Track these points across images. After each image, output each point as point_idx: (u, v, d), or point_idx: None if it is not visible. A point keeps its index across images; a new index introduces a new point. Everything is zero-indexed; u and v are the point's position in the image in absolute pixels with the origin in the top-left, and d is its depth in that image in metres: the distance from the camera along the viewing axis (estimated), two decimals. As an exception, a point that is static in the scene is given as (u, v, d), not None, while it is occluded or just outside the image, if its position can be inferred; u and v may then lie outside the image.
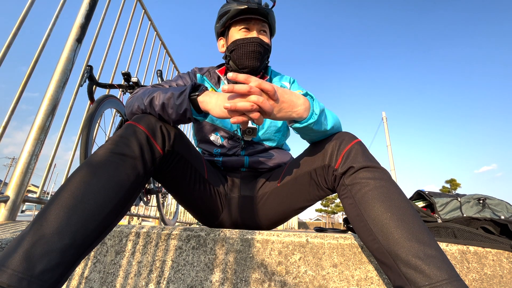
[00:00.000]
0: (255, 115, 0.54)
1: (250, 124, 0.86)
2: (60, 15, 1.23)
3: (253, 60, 0.87)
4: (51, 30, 1.18)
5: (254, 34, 0.87)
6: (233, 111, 0.55)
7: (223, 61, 0.98)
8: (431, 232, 0.50)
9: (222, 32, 0.93)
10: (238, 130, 0.90)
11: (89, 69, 1.22)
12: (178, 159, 0.70)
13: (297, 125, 0.62)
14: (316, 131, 0.64)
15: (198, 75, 0.94)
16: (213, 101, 0.60)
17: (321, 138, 0.69)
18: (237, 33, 0.88)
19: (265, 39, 0.89)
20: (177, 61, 2.63)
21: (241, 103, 0.53)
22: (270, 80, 0.98)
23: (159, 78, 1.39)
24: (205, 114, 0.66)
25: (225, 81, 0.92)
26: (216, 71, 0.95)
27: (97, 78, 1.37)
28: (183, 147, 0.70)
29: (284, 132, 0.97)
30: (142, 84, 1.37)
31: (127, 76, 1.31)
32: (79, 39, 1.26)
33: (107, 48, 1.54)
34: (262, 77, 0.97)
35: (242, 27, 0.87)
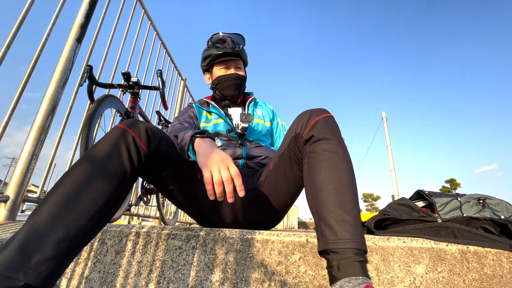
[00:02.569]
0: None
1: (238, 122, 1.05)
2: (60, 15, 1.23)
3: (234, 91, 1.13)
4: (51, 30, 1.18)
5: (232, 70, 1.12)
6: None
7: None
8: (358, 205, 0.58)
9: (207, 69, 1.18)
10: (233, 132, 1.07)
11: (89, 69, 1.22)
12: (167, 160, 0.74)
13: None
14: None
15: (194, 105, 1.17)
16: (203, 146, 0.69)
17: None
18: (218, 71, 1.14)
19: (241, 72, 1.15)
20: (177, 61, 2.63)
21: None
22: (255, 101, 1.23)
23: (159, 78, 1.39)
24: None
25: (213, 102, 1.16)
26: (204, 98, 1.22)
27: (97, 78, 1.37)
28: (171, 149, 0.75)
29: (272, 135, 1.21)
30: (142, 83, 1.37)
31: (127, 76, 1.31)
32: (79, 39, 1.26)
33: (107, 48, 1.54)
34: (244, 100, 1.21)
35: (222, 66, 1.13)
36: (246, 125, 1.04)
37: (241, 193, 0.60)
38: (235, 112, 1.15)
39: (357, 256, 0.51)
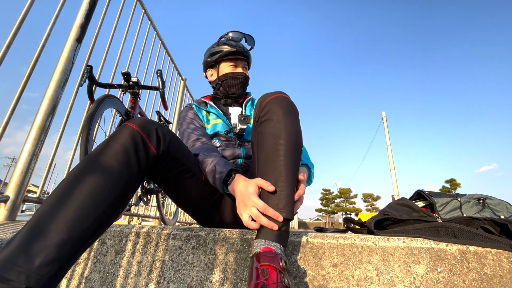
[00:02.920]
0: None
1: (243, 113, 1.07)
2: (60, 15, 1.23)
3: (240, 89, 1.13)
4: (51, 30, 1.18)
5: (240, 69, 1.13)
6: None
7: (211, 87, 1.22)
8: (288, 181, 0.63)
9: (213, 65, 1.16)
10: (232, 133, 1.07)
11: (89, 69, 1.22)
12: (175, 161, 0.73)
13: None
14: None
15: (194, 106, 1.15)
16: (237, 187, 0.71)
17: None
18: (226, 68, 1.13)
19: (247, 73, 1.16)
20: (177, 61, 2.63)
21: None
22: (252, 100, 1.20)
23: (159, 78, 1.39)
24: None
25: (211, 102, 1.14)
26: (202, 98, 1.21)
27: (97, 78, 1.37)
28: (179, 150, 0.75)
29: None
30: (142, 84, 1.37)
31: (127, 76, 1.31)
32: (79, 39, 1.26)
33: (107, 48, 1.54)
34: (244, 100, 1.19)
35: (231, 64, 1.13)
36: (245, 126, 1.04)
37: (280, 218, 0.60)
38: (234, 112, 1.14)
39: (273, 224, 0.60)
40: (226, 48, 1.11)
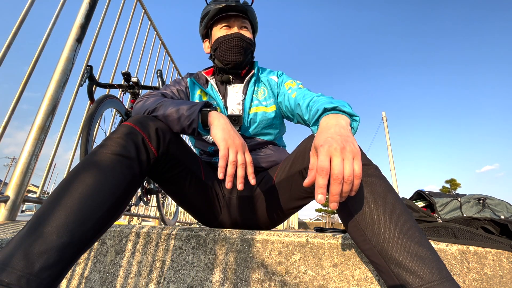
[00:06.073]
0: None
1: (233, 113, 0.91)
2: (60, 15, 1.23)
3: (236, 55, 0.88)
4: (51, 30, 1.18)
5: (235, 30, 0.89)
6: None
7: (211, 64, 1.00)
8: (422, 231, 0.49)
9: (206, 33, 0.96)
10: None
11: (89, 69, 1.22)
12: (174, 161, 0.71)
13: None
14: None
15: (188, 79, 0.96)
16: (222, 121, 0.65)
17: None
18: (218, 31, 0.90)
19: (247, 34, 0.91)
20: (177, 61, 2.63)
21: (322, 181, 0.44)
22: (257, 76, 0.98)
23: (159, 78, 1.39)
24: (207, 131, 0.69)
25: (212, 81, 0.94)
26: (203, 73, 0.99)
27: (97, 78, 1.37)
28: (178, 149, 0.72)
29: (277, 126, 0.96)
30: (142, 84, 1.37)
31: (127, 76, 1.31)
32: (79, 39, 1.26)
33: (107, 48, 1.54)
34: (248, 73, 0.97)
35: (223, 25, 0.90)
36: (237, 128, 0.87)
37: (253, 181, 0.59)
38: (232, 97, 0.93)
39: None
40: (213, 6, 0.88)
